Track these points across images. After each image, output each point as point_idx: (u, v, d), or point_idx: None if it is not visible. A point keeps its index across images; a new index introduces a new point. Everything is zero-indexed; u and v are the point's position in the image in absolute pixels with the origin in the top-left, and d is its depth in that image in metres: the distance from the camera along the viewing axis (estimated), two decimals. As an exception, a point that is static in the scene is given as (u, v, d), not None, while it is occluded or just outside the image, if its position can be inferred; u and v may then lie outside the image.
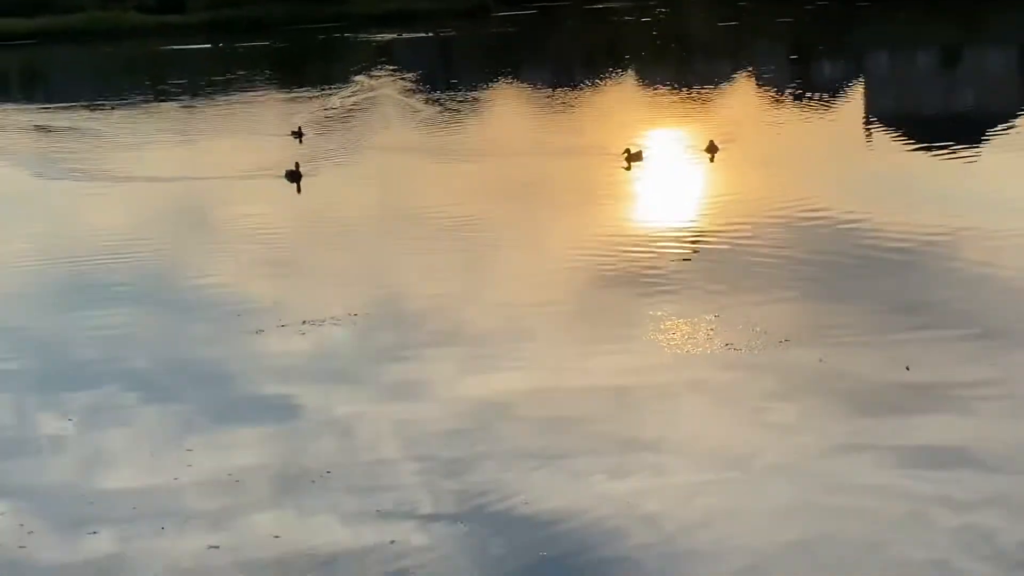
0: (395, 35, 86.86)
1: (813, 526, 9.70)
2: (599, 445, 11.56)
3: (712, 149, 28.10)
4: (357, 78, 52.22)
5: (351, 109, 41.57)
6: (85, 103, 48.12)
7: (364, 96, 45.39)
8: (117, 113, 44.60)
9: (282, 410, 12.93)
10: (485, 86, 49.21)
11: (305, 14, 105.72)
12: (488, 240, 20.59)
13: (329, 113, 40.41)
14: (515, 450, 11.52)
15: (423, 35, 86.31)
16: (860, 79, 47.03)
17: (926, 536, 9.47)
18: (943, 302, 15.75)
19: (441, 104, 42.25)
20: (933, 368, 13.20)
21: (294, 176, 26.68)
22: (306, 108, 41.73)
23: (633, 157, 27.80)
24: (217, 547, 9.84)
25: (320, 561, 9.54)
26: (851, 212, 21.07)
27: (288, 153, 29.74)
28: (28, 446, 12.30)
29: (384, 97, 44.87)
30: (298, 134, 34.14)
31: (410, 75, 53.08)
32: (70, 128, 40.09)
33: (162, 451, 11.91)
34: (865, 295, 16.10)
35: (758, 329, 14.67)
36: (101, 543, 10.00)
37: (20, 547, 10.04)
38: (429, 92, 46.43)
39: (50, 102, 50.62)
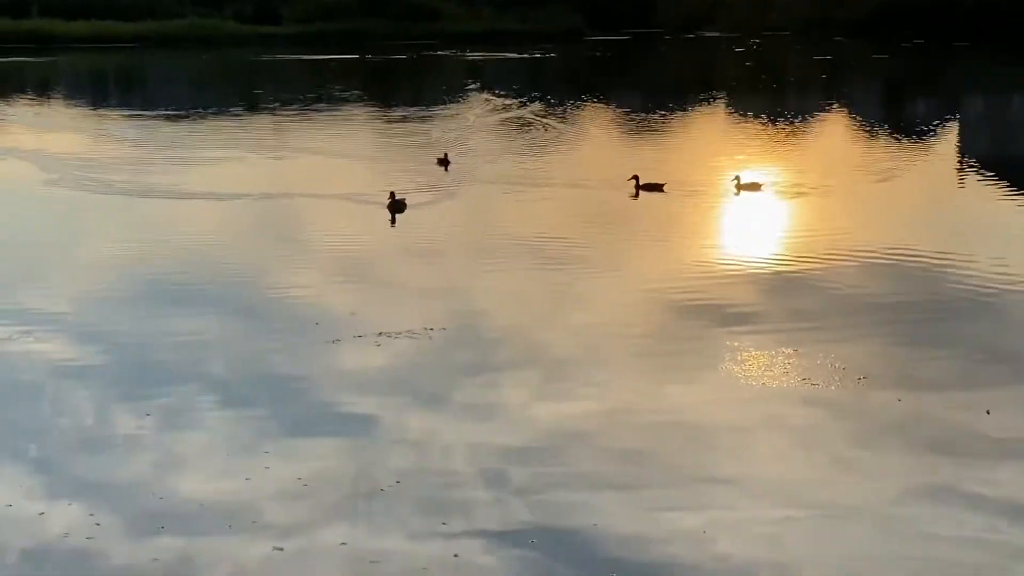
0: (487, 55, 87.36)
1: (889, 574, 9.50)
2: (672, 478, 11.46)
3: (744, 186, 27.86)
4: (477, 97, 52.38)
5: (483, 132, 41.31)
6: (181, 111, 48.82)
7: (494, 118, 45.35)
8: (217, 123, 45.10)
9: (355, 421, 12.98)
10: (580, 110, 49.24)
11: (399, 30, 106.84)
12: (572, 267, 20.51)
13: (461, 135, 40.04)
14: (587, 477, 11.44)
15: (514, 56, 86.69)
16: (955, 120, 46.44)
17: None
18: (1028, 350, 15.47)
19: (548, 126, 42.22)
20: (1015, 416, 12.94)
21: (396, 207, 25.41)
22: (435, 128, 41.59)
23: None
24: (283, 550, 9.91)
25: (386, 571, 9.56)
26: (939, 254, 20.78)
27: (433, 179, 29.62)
28: (104, 443, 12.44)
29: (513, 119, 44.67)
30: (444, 161, 32.35)
31: (510, 95, 53.12)
32: (164, 138, 40.63)
33: (235, 455, 12.02)
34: (948, 339, 15.85)
35: (837, 366, 14.51)
36: (168, 541, 10.09)
37: (88, 538, 10.17)
38: (546, 113, 46.33)
39: (146, 108, 51.41)
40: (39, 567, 9.66)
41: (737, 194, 27.56)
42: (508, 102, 50.70)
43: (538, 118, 44.87)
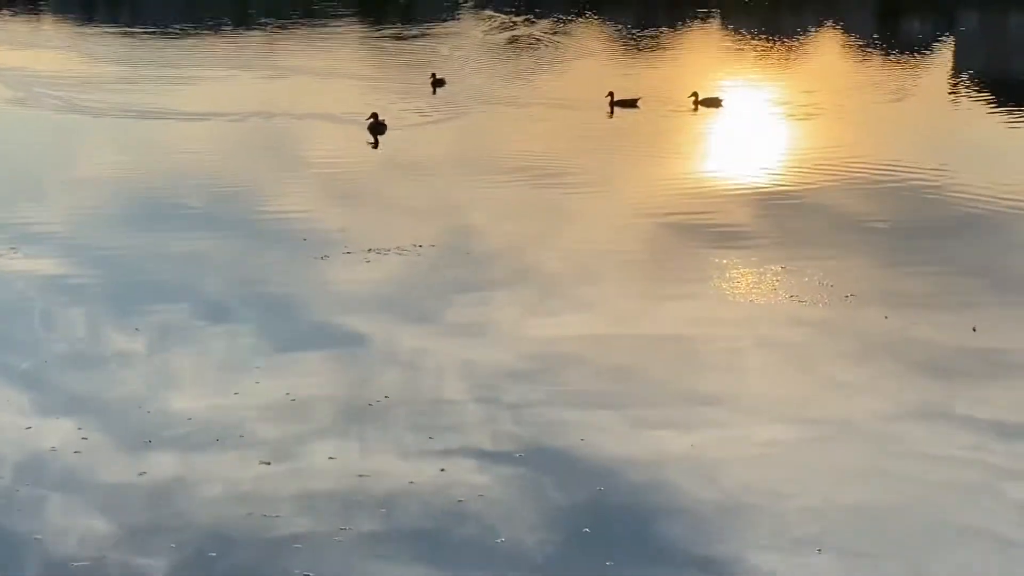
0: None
1: (877, 491, 9.54)
2: (661, 396, 11.49)
3: (702, 102, 27.78)
4: (479, 13, 51.72)
5: (492, 50, 40.71)
6: (170, 28, 48.12)
7: (503, 36, 44.67)
8: (206, 41, 44.46)
9: (345, 338, 12.97)
10: (584, 27, 48.58)
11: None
12: (560, 186, 20.42)
13: (470, 54, 39.47)
14: (576, 395, 11.46)
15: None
16: (949, 38, 46.07)
17: (994, 509, 9.26)
18: (1015, 268, 15.46)
19: (556, 44, 41.72)
20: (1001, 333, 12.96)
21: (377, 128, 25.01)
22: (443, 46, 40.99)
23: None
24: (271, 465, 9.93)
25: (373, 483, 9.60)
26: (930, 172, 20.73)
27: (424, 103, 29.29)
28: (93, 358, 12.44)
29: (522, 37, 43.96)
30: (438, 83, 31.43)
31: (513, 12, 52.37)
32: (149, 56, 40.03)
33: (224, 371, 12.02)
34: (935, 257, 15.85)
35: (824, 283, 14.51)
36: (156, 456, 10.11)
37: (76, 452, 10.19)
38: (554, 30, 45.73)
39: (135, 24, 50.69)
40: (26, 480, 9.67)
41: (695, 110, 27.50)
42: (514, 19, 50.08)
43: (547, 35, 44.48)
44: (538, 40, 43.37)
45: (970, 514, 9.16)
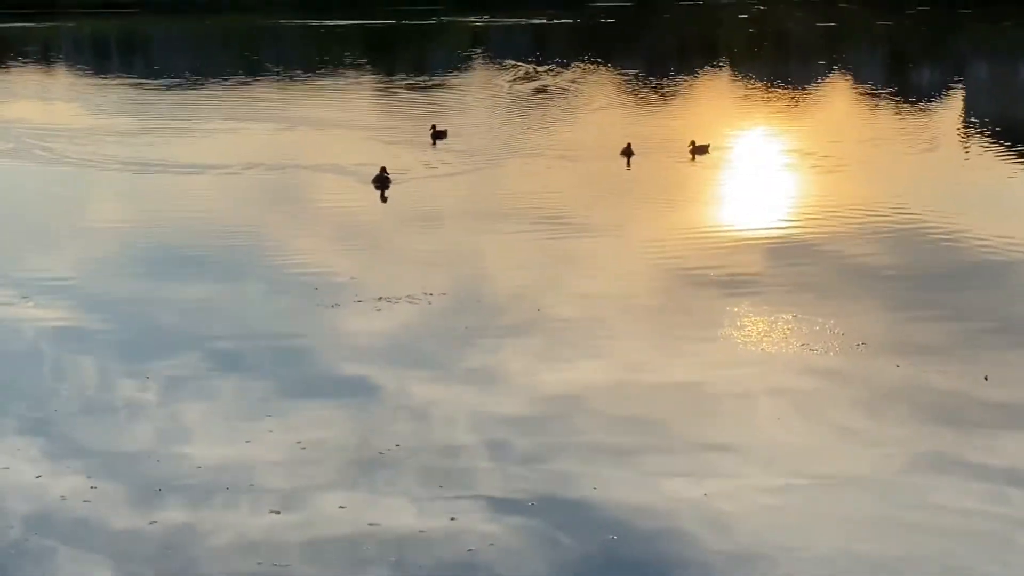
0: (489, 20, 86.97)
1: (891, 542, 9.48)
2: (673, 445, 11.44)
3: (697, 150, 27.89)
4: (500, 63, 51.98)
5: (519, 100, 40.86)
6: (183, 78, 48.45)
7: (529, 86, 44.82)
8: (217, 93, 44.73)
9: (356, 387, 12.97)
10: (577, 74, 48.87)
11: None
12: (571, 235, 20.46)
13: (496, 103, 39.60)
14: (588, 443, 11.42)
15: (523, 22, 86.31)
16: (960, 86, 46.20)
17: (1009, 559, 9.19)
18: (1029, 317, 15.45)
19: (581, 94, 41.84)
20: (1013, 382, 12.92)
21: (382, 182, 24.87)
22: (468, 95, 41.12)
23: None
24: (281, 514, 9.90)
25: (383, 532, 9.56)
26: (941, 221, 20.72)
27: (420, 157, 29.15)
28: (103, 407, 12.43)
29: (548, 87, 44.10)
30: (439, 135, 30.94)
31: (536, 63, 52.64)
32: (164, 108, 40.29)
33: (235, 420, 12.01)
34: (946, 305, 15.82)
35: (835, 331, 14.49)
36: (167, 505, 10.09)
37: (85, 502, 10.17)
38: (578, 80, 45.89)
39: (149, 75, 51.08)
40: (36, 530, 9.65)
41: (692, 160, 27.59)
42: (537, 69, 50.26)
43: (556, 85, 44.62)
44: (546, 89, 43.55)
45: (984, 564, 9.09)
